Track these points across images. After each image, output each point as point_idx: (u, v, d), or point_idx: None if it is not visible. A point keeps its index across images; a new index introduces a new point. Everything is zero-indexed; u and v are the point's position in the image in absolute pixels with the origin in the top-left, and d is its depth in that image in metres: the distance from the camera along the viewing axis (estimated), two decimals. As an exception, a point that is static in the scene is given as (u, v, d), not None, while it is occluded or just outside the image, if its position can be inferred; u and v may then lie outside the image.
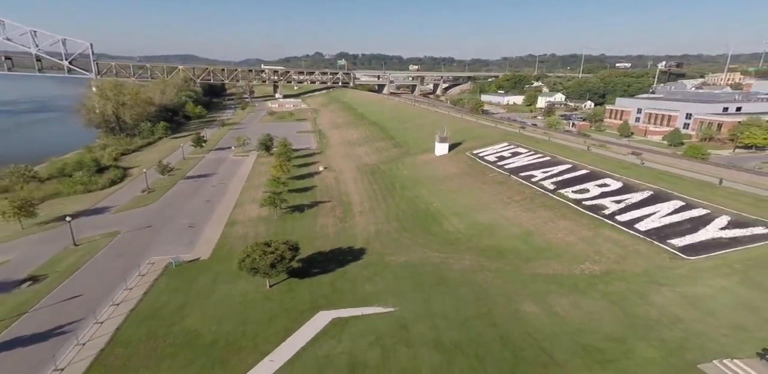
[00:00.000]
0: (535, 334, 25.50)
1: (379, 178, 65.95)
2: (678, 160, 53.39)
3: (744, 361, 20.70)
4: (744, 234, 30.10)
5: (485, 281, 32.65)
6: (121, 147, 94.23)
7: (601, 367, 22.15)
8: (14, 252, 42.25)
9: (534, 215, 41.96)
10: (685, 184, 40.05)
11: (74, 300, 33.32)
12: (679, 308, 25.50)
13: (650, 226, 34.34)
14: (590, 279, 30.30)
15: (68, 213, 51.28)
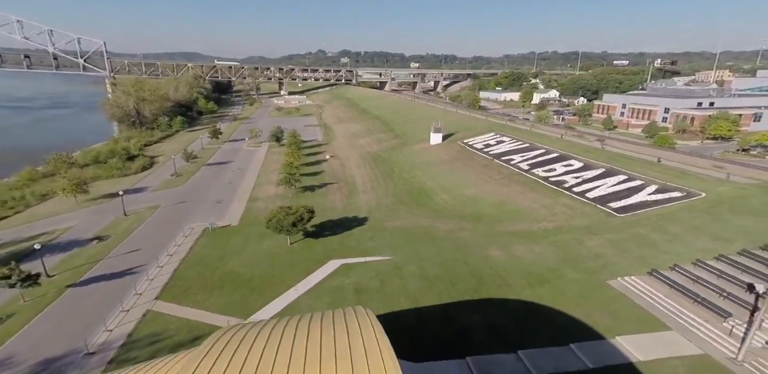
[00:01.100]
0: (496, 268, 33.83)
1: (380, 164, 74.34)
2: (631, 145, 61.52)
3: (637, 277, 29.03)
4: (663, 197, 38.39)
5: (464, 237, 41.01)
6: (143, 139, 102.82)
7: (539, 285, 30.49)
8: (76, 220, 50.84)
9: (509, 189, 50.30)
10: (632, 162, 48.33)
11: (135, 252, 41.82)
12: (603, 248, 33.83)
13: (597, 194, 42.65)
14: (544, 233, 38.65)
15: (112, 192, 60.43)
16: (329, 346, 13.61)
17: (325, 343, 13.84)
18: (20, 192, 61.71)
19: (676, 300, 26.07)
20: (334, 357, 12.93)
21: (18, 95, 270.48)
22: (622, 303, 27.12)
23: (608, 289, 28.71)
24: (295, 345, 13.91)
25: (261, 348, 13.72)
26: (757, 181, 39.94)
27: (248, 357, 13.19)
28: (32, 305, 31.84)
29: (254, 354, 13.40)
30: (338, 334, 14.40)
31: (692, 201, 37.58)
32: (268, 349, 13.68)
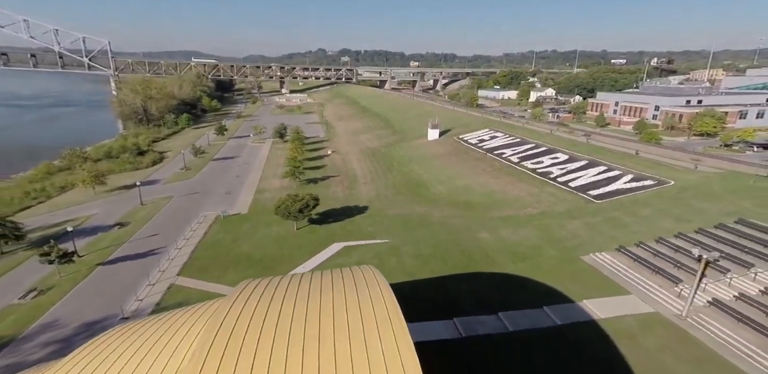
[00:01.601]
0: (484, 248, 37.55)
1: (379, 159, 78.05)
2: (614, 139, 65.29)
3: (607, 253, 32.80)
4: (637, 185, 42.15)
5: (456, 222, 44.74)
6: (151, 135, 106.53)
7: (521, 261, 34.24)
8: (97, 209, 54.58)
9: (499, 180, 54.03)
10: (613, 155, 52.05)
11: (155, 236, 45.54)
12: (580, 230, 37.58)
13: (579, 184, 46.39)
14: (529, 218, 42.41)
15: (127, 184, 64.31)
16: (341, 297, 16.74)
17: (337, 294, 17.06)
18: (41, 184, 65.47)
19: (638, 271, 29.83)
20: (345, 308, 15.96)
21: (22, 94, 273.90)
22: (591, 274, 30.90)
23: (580, 263, 32.49)
24: (310, 296, 17.20)
25: (281, 298, 17.12)
26: (721, 170, 43.71)
27: (270, 306, 16.57)
28: (68, 280, 35.60)
29: (276, 302, 16.77)
30: (347, 287, 17.71)
31: (662, 188, 41.36)
32: (287, 299, 17.07)
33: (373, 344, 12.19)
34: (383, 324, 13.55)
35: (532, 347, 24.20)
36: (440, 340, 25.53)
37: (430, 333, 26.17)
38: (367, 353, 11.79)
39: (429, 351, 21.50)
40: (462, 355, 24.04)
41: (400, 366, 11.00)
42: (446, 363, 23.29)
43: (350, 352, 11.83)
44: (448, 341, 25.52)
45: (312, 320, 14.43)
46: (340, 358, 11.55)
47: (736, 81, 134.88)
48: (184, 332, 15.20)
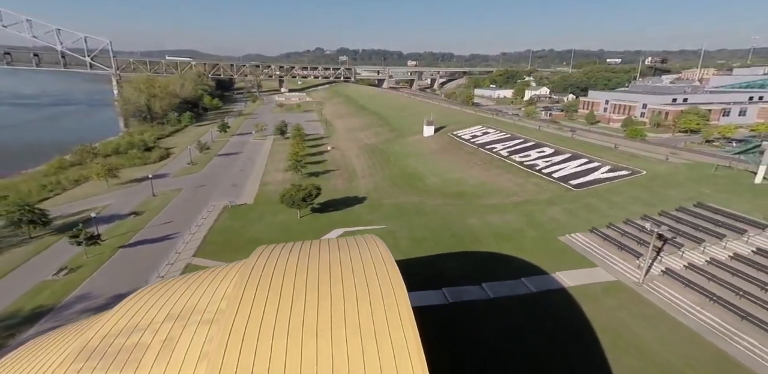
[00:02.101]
0: (472, 231, 41.27)
1: (377, 154, 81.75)
2: (597, 134, 69.22)
3: (581, 233, 36.62)
4: (613, 175, 46.01)
5: (448, 210, 48.48)
6: (156, 132, 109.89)
7: (504, 241, 38.00)
8: (111, 200, 58.11)
9: (489, 172, 57.81)
10: (594, 148, 55.90)
11: (169, 223, 49.11)
12: (559, 215, 41.39)
13: (561, 174, 50.21)
14: (514, 205, 46.19)
15: (137, 177, 67.88)
16: (347, 262, 20.12)
17: (344, 260, 20.47)
18: (55, 178, 68.89)
19: (606, 248, 33.66)
20: (351, 270, 19.22)
21: (23, 93, 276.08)
22: (565, 251, 34.71)
23: (557, 243, 36.30)
24: (320, 262, 20.63)
25: (296, 258, 20.70)
26: (690, 161, 47.58)
27: (288, 264, 20.14)
28: (94, 260, 39.20)
29: (291, 262, 20.30)
30: (352, 253, 21.20)
31: (635, 177, 45.21)
32: (301, 258, 20.58)
33: (375, 298, 15.50)
34: (385, 284, 16.85)
35: (510, 310, 27.96)
36: (430, 306, 29.24)
37: (422, 301, 29.84)
38: (374, 327, 14.43)
39: (420, 314, 25.27)
40: (449, 318, 27.77)
41: (399, 324, 13.55)
42: (436, 324, 27.00)
43: (356, 304, 14.87)
44: (437, 306, 29.26)
45: (324, 277, 17.71)
46: (348, 312, 14.53)
47: (723, 80, 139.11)
48: (217, 282, 18.71)
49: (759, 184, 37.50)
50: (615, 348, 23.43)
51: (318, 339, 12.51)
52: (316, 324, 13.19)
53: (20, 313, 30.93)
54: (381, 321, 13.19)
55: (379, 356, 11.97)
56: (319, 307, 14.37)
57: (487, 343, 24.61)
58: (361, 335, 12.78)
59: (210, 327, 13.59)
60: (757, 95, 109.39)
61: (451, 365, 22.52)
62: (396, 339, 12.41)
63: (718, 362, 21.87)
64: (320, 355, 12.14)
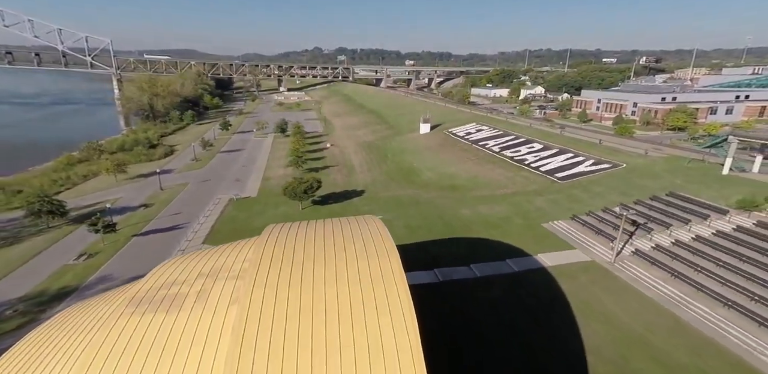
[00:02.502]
0: (463, 220, 44.25)
1: (374, 151, 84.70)
2: (584, 130, 72.33)
3: (563, 221, 39.68)
4: (596, 168, 49.10)
5: (441, 201, 51.45)
6: (159, 131, 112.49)
7: (492, 229, 40.98)
8: (121, 193, 60.88)
9: (481, 167, 60.84)
10: (580, 144, 58.98)
11: (178, 215, 51.91)
12: (544, 204, 44.45)
13: (548, 168, 53.27)
14: (503, 196, 49.23)
15: (144, 173, 70.61)
16: (349, 235, 22.96)
17: (346, 233, 23.30)
18: (65, 173, 71.55)
19: (584, 233, 36.70)
20: (352, 240, 22.21)
21: (23, 92, 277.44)
22: (547, 236, 37.76)
23: (541, 229, 39.34)
24: (326, 235, 23.55)
25: (304, 235, 23.63)
26: (667, 155, 50.70)
27: (296, 240, 23.06)
28: (111, 246, 42.03)
29: (300, 237, 23.27)
30: (353, 229, 24.05)
31: (615, 170, 48.29)
32: (308, 235, 23.48)
33: (375, 275, 18.32)
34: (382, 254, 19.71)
35: (494, 286, 30.97)
36: (423, 284, 32.21)
37: (415, 280, 32.77)
38: (371, 277, 17.27)
39: (413, 291, 28.26)
40: (440, 294, 30.76)
41: (397, 298, 16.23)
42: (427, 300, 29.94)
43: (357, 264, 17.75)
44: (430, 284, 32.25)
45: (329, 245, 20.61)
46: (349, 269, 17.38)
47: (712, 79, 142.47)
48: (237, 251, 21.50)
49: (726, 175, 40.58)
50: (585, 316, 26.46)
51: (326, 289, 15.43)
52: (324, 278, 16.11)
53: (47, 292, 33.78)
54: (376, 274, 16.12)
55: (376, 305, 14.81)
56: (326, 265, 17.27)
57: (471, 315, 27.61)
58: (361, 286, 15.69)
59: (236, 281, 16.48)
60: (744, 94, 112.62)
61: (439, 334, 25.48)
62: (392, 301, 15.28)
63: (673, 326, 24.92)
64: (328, 303, 15.02)
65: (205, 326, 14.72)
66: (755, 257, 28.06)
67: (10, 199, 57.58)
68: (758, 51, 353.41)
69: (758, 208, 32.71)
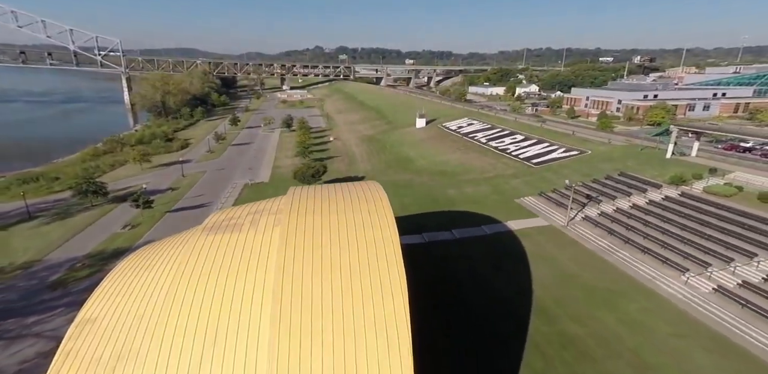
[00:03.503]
0: (449, 198, 51.62)
1: (374, 143, 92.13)
2: (564, 124, 79.71)
3: (532, 197, 47.14)
4: (566, 155, 56.52)
5: (432, 184, 58.88)
6: (172, 126, 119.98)
7: (473, 204, 48.37)
8: (149, 179, 68.31)
9: (469, 156, 68.26)
10: (556, 135, 66.41)
11: (201, 196, 59.33)
12: (519, 184, 51.89)
13: (526, 155, 60.69)
14: (485, 179, 56.67)
15: (165, 162, 78.07)
16: (355, 194, 30.38)
17: (352, 192, 30.70)
18: (93, 163, 79.09)
19: (547, 205, 44.14)
20: (358, 198, 29.77)
21: (33, 91, 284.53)
22: (517, 208, 45.21)
23: (513, 203, 46.80)
24: (336, 192, 30.82)
25: (320, 192, 30.84)
26: (627, 143, 58.15)
27: (315, 192, 30.26)
28: (149, 219, 49.49)
29: (317, 192, 30.47)
30: (358, 190, 31.34)
31: (582, 156, 55.70)
32: (323, 193, 30.68)
33: (371, 213, 25.99)
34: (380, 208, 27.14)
35: (469, 244, 38.40)
36: (412, 244, 39.62)
37: (407, 241, 40.21)
38: (371, 222, 25.12)
39: (405, 249, 35.60)
40: (426, 251, 38.16)
41: (393, 251, 23.61)
42: (417, 255, 37.34)
43: (362, 215, 25.27)
44: (418, 244, 39.65)
45: (340, 199, 27.95)
46: (358, 233, 24.51)
47: (695, 78, 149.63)
48: (270, 202, 28.84)
49: (668, 158, 47.79)
50: (536, 262, 33.89)
51: (339, 225, 22.77)
52: (337, 221, 23.47)
53: (105, 252, 41.30)
54: (374, 218, 23.49)
55: (373, 237, 22.11)
56: (338, 212, 24.58)
57: (449, 264, 35.04)
58: (363, 227, 23.03)
59: (276, 215, 23.85)
60: (721, 92, 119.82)
61: (423, 278, 32.90)
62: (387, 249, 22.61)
63: (601, 266, 32.39)
64: (341, 228, 22.32)
65: (258, 241, 22.08)
66: (674, 218, 35.43)
67: (50, 185, 65.22)
68: (758, 50, 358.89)
69: (685, 183, 40.06)
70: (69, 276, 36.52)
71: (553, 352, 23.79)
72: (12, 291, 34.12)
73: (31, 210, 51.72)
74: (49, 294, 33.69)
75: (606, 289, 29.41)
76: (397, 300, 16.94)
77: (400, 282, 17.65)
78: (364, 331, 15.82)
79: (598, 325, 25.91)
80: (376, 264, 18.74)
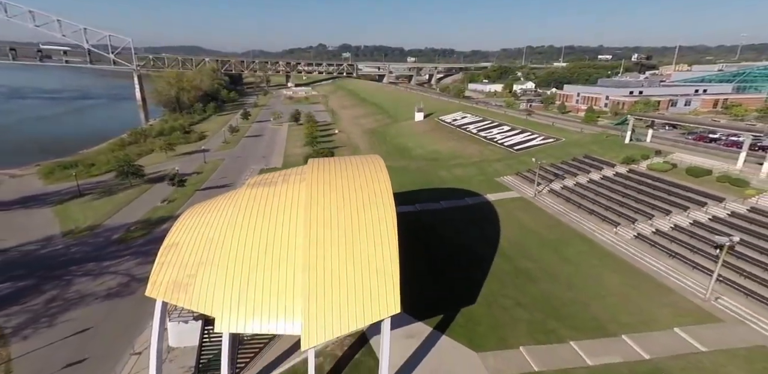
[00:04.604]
0: (441, 178, 59.76)
1: (376, 135, 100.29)
2: (539, 114, 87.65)
3: (510, 175, 55.28)
4: (544, 142, 64.61)
5: (426, 167, 67.02)
6: (187, 120, 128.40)
7: (460, 183, 56.50)
8: (174, 165, 76.51)
9: (460, 144, 76.36)
10: (538, 125, 74.47)
11: (224, 178, 67.61)
12: (501, 167, 60.01)
13: (509, 143, 68.76)
14: (473, 163, 64.79)
15: (186, 151, 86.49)
16: (361, 165, 38.50)
17: (358, 164, 38.83)
18: (121, 152, 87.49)
19: (521, 182, 52.28)
20: (361, 167, 37.88)
21: (45, 88, 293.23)
22: (497, 185, 53.37)
23: (494, 181, 54.96)
24: (345, 163, 38.99)
25: (334, 162, 39.07)
26: (597, 132, 66.24)
27: (330, 161, 38.40)
28: (182, 196, 57.82)
29: (332, 161, 38.58)
30: (363, 162, 39.50)
31: (557, 142, 63.74)
32: (336, 162, 38.94)
33: (373, 180, 34.16)
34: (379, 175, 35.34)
35: (454, 211, 46.58)
36: (407, 212, 47.84)
37: (402, 210, 48.46)
38: (372, 187, 33.37)
39: (399, 216, 43.82)
40: (418, 217, 46.34)
41: (386, 192, 32.29)
42: (410, 219, 45.54)
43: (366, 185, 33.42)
44: (411, 212, 47.84)
45: (349, 167, 36.19)
46: (363, 188, 32.99)
47: (682, 75, 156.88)
48: (295, 169, 37.09)
49: (627, 143, 55.75)
50: (505, 223, 42.05)
51: (348, 183, 30.97)
52: (348, 185, 31.64)
53: (151, 219, 49.67)
54: (371, 178, 31.70)
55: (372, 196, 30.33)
56: (348, 176, 32.75)
57: (435, 225, 43.23)
58: (366, 186, 31.22)
59: (302, 175, 32.04)
60: (702, 88, 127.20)
61: (415, 234, 41.13)
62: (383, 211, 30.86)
63: (555, 225, 40.57)
64: (351, 183, 30.52)
65: (290, 190, 30.19)
66: (618, 188, 43.61)
67: (89, 170, 73.71)
68: (761, 47, 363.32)
69: (634, 162, 48.06)
70: (127, 235, 44.98)
71: (506, 278, 32.03)
72: (85, 245, 42.61)
73: (80, 190, 60.19)
74: (115, 247, 42.18)
75: (555, 239, 37.62)
76: (389, 214, 25.24)
77: (390, 206, 25.97)
78: (367, 245, 24.03)
79: (544, 262, 34.13)
80: (374, 200, 27.09)
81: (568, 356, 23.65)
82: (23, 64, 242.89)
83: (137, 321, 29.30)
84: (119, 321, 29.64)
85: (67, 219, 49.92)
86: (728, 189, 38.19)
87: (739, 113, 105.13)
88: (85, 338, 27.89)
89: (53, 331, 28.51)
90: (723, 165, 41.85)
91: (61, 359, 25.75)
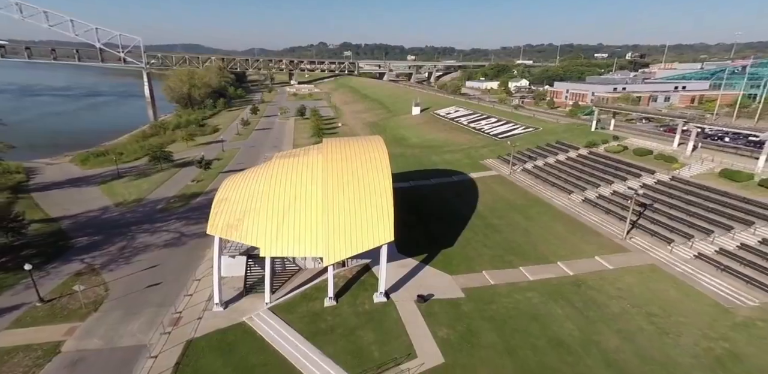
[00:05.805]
0: (432, 161, 68.59)
1: (376, 127, 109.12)
2: (528, 109, 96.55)
3: (491, 158, 64.19)
4: (524, 131, 73.50)
5: (420, 154, 75.86)
6: (200, 115, 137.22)
7: (449, 165, 65.41)
8: (196, 153, 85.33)
9: (451, 134, 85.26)
10: (520, 117, 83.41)
11: (242, 163, 76.40)
12: (485, 152, 68.91)
13: (495, 132, 77.66)
14: (461, 149, 73.71)
15: (204, 142, 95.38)
16: (365, 144, 47.27)
17: (362, 143, 47.63)
18: (145, 142, 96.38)
19: (501, 163, 61.26)
20: (365, 148, 46.58)
21: (55, 85, 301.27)
22: (480, 166, 62.34)
23: (478, 164, 63.92)
24: (350, 142, 47.91)
25: (342, 140, 47.88)
26: (571, 123, 75.20)
27: (342, 142, 47.28)
28: (208, 177, 66.72)
29: (341, 142, 47.46)
30: (366, 141, 48.30)
31: (534, 131, 72.69)
32: (342, 141, 47.80)
33: (375, 159, 42.93)
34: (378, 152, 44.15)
35: (442, 186, 55.53)
36: (401, 187, 56.78)
37: (398, 186, 57.46)
38: (376, 158, 42.18)
39: (396, 191, 52.77)
40: (411, 190, 55.27)
41: (387, 174, 40.94)
42: (405, 193, 54.41)
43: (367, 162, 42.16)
44: (406, 187, 56.77)
45: (354, 145, 45.07)
46: (368, 162, 41.72)
47: (666, 72, 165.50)
48: (312, 147, 45.94)
49: (593, 131, 64.72)
50: (484, 194, 50.98)
51: (356, 158, 39.88)
52: (355, 158, 40.57)
53: (186, 194, 58.57)
54: (372, 150, 40.59)
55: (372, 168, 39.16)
56: (356, 151, 41.65)
57: (426, 196, 52.17)
58: (370, 160, 40.07)
59: (318, 149, 40.87)
60: (681, 85, 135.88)
61: (408, 203, 50.03)
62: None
63: (524, 194, 49.55)
64: (358, 154, 39.44)
65: (310, 159, 39.06)
66: (577, 166, 52.72)
67: (119, 157, 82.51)
68: (759, 45, 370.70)
69: (595, 146, 57.03)
70: (169, 206, 53.93)
71: (478, 230, 41.03)
72: (136, 213, 51.58)
73: (119, 172, 69.12)
74: (161, 214, 51.14)
75: (521, 204, 46.61)
76: (385, 173, 34.19)
77: (386, 168, 34.91)
78: (369, 195, 32.92)
79: (510, 219, 43.12)
80: (374, 164, 36.17)
81: (516, 275, 32.62)
82: (35, 62, 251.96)
83: (194, 260, 38.32)
84: (179, 261, 38.63)
85: (115, 195, 58.87)
86: (662, 165, 47.17)
87: (709, 108, 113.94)
88: (155, 271, 36.87)
89: (131, 266, 37.50)
90: (662, 146, 50.76)
91: (143, 282, 34.74)
